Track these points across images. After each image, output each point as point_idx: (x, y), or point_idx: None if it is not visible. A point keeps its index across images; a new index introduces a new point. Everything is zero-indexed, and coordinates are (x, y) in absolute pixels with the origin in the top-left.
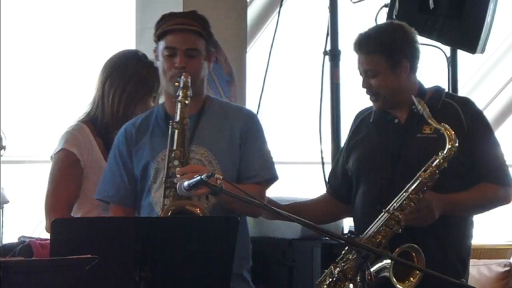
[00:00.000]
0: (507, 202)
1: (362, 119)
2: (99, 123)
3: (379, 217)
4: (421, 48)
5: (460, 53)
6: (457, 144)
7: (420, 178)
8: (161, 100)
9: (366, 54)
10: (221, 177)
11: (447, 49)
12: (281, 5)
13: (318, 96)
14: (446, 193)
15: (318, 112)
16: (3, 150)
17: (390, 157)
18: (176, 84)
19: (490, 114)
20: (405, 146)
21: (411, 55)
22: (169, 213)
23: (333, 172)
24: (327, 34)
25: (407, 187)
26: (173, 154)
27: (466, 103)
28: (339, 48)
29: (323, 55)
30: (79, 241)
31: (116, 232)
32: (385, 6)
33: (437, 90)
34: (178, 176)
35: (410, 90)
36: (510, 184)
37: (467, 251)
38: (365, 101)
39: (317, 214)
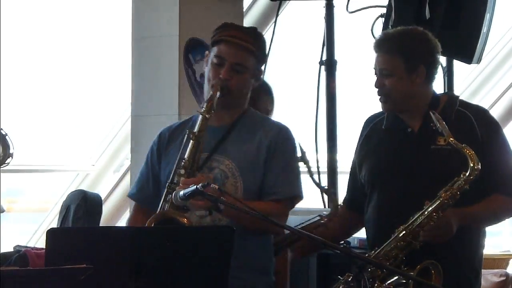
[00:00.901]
0: None
1: (373, 125)
2: None
3: (397, 232)
4: None
5: (456, 63)
6: (479, 166)
7: (441, 199)
8: None
9: (385, 53)
10: (216, 187)
11: (443, 59)
12: (277, 15)
13: (314, 105)
14: (460, 204)
15: (314, 121)
16: (10, 158)
17: (404, 169)
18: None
19: None
20: (419, 158)
21: (429, 64)
22: (152, 224)
23: (349, 182)
24: (323, 44)
25: (427, 205)
26: (182, 163)
27: (481, 113)
28: (335, 58)
29: (319, 65)
30: (74, 250)
31: (111, 242)
32: (381, 16)
33: (451, 98)
34: (181, 185)
35: (423, 98)
36: None
37: (479, 262)
38: (360, 111)
39: (336, 233)
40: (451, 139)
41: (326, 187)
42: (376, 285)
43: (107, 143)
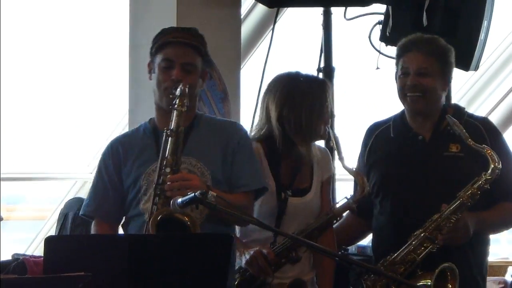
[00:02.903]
0: None
1: (380, 132)
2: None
3: (414, 236)
4: None
5: (454, 70)
6: (500, 166)
7: (461, 199)
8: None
9: (426, 54)
10: (214, 194)
11: None
12: (275, 22)
13: None
14: (471, 211)
15: None
16: None
17: (417, 177)
18: (171, 96)
19: None
20: (432, 165)
21: (451, 76)
22: (159, 218)
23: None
24: (321, 51)
25: (445, 208)
26: (165, 162)
27: (488, 122)
28: (333, 65)
29: (317, 72)
30: (72, 258)
31: (109, 249)
32: (379, 23)
33: (458, 108)
34: (168, 183)
35: (440, 106)
36: None
37: (486, 268)
38: (358, 117)
39: (346, 236)
40: (469, 140)
41: (355, 169)
42: None
43: None
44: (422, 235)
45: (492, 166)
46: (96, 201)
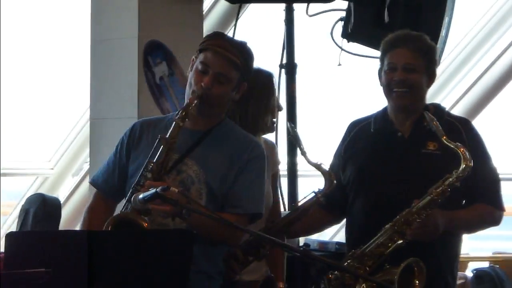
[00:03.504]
0: (497, 224)
1: (359, 128)
2: None
3: (384, 229)
4: (376, 62)
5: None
6: (472, 164)
7: (431, 195)
8: None
9: (413, 50)
10: (176, 190)
11: None
12: (237, 18)
13: None
14: (444, 209)
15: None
16: None
17: (393, 173)
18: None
19: None
20: (408, 162)
21: (435, 74)
22: (109, 227)
23: None
24: (283, 47)
25: (416, 203)
26: (150, 166)
27: (467, 122)
28: (295, 61)
29: (279, 68)
30: (32, 254)
31: (68, 245)
32: (341, 19)
33: (438, 107)
34: (145, 186)
35: (422, 103)
36: (502, 208)
37: (456, 266)
38: (320, 113)
39: (306, 226)
40: (444, 137)
41: (320, 163)
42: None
43: (66, 146)
44: (391, 229)
45: (464, 164)
46: (104, 174)
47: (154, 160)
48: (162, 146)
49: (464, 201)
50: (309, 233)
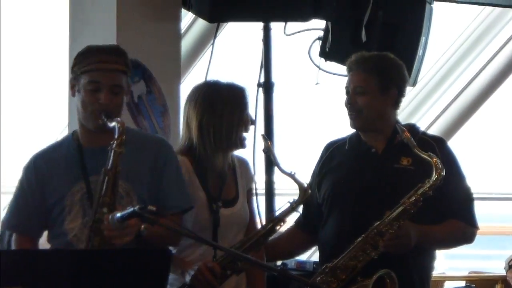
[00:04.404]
0: (470, 242)
1: (335, 147)
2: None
3: (356, 242)
4: None
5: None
6: (443, 173)
7: (404, 205)
8: None
9: (362, 72)
10: (154, 209)
11: None
12: (215, 37)
13: (252, 127)
14: (417, 223)
15: (252, 143)
16: None
17: (365, 187)
18: (100, 121)
19: None
20: (382, 176)
21: (400, 89)
22: None
23: (306, 203)
24: (261, 66)
25: (388, 214)
26: (101, 200)
27: (441, 141)
28: (273, 80)
29: (257, 87)
30: (13, 273)
31: (50, 264)
32: (319, 39)
33: (413, 126)
34: (105, 223)
35: (390, 121)
36: (475, 226)
37: (428, 282)
38: (297, 132)
39: (286, 250)
40: (416, 149)
41: (293, 173)
42: None
43: None
44: (363, 240)
45: (436, 174)
46: (17, 215)
47: (103, 193)
48: (107, 178)
49: (437, 219)
50: (290, 257)
